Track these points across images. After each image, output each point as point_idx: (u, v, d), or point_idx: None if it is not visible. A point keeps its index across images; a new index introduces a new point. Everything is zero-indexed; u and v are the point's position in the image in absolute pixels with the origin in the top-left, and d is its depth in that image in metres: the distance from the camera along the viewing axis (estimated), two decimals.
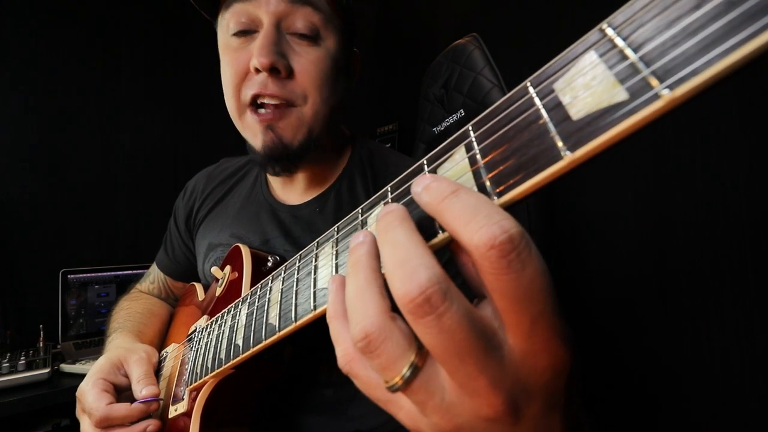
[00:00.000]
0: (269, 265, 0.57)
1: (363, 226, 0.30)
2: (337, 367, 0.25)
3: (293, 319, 0.33)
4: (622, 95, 0.17)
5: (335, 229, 0.33)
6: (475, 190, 0.21)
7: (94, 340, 1.37)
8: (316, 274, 0.33)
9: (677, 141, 0.89)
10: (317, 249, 0.34)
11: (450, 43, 0.95)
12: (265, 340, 0.37)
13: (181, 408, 0.53)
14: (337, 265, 0.31)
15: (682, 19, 0.16)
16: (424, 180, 0.22)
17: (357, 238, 0.24)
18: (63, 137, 1.52)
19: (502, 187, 0.21)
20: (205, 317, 0.59)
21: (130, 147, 1.66)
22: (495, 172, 0.22)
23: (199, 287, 0.73)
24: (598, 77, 0.18)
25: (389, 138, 1.93)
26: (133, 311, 0.75)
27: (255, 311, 0.41)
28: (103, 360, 0.57)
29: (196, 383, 0.51)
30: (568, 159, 0.18)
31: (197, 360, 0.53)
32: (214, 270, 0.62)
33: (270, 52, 0.51)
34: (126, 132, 1.65)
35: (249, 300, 0.44)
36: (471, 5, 1.52)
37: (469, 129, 0.24)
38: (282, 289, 0.37)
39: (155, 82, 1.72)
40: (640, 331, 0.97)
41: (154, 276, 0.85)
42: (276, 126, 0.55)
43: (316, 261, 0.34)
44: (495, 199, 0.21)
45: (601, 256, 1.06)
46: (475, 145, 0.23)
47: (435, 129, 1.02)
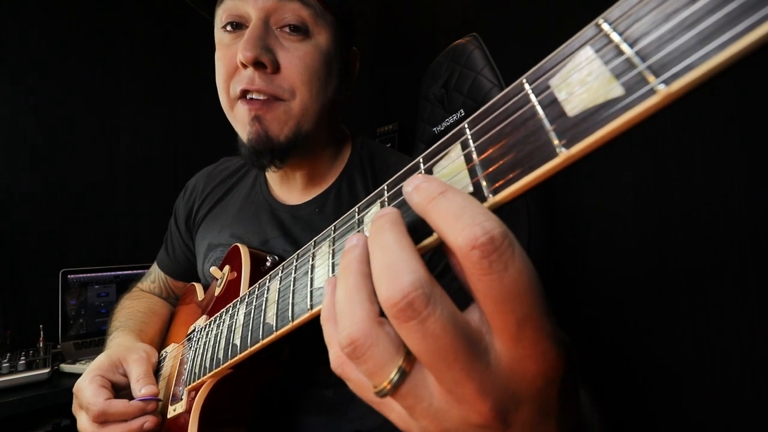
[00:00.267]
0: (268, 264, 0.57)
1: (359, 225, 0.30)
2: None
3: (290, 318, 0.33)
4: (617, 91, 0.17)
5: (332, 229, 0.33)
6: (463, 192, 0.21)
7: (94, 340, 1.37)
8: (312, 273, 0.33)
9: (677, 141, 0.89)
10: (314, 248, 0.34)
11: (450, 43, 0.95)
12: (263, 339, 0.37)
13: (179, 408, 0.53)
14: (333, 264, 0.31)
15: (679, 13, 0.16)
16: (415, 180, 0.22)
17: (350, 242, 0.24)
18: (63, 137, 1.53)
19: (498, 184, 0.21)
20: (204, 317, 0.59)
21: (130, 147, 1.66)
22: (490, 170, 0.21)
23: (198, 287, 0.73)
24: (594, 73, 0.18)
25: (389, 138, 1.92)
26: (135, 310, 0.75)
27: (253, 311, 0.41)
28: (103, 357, 0.57)
29: (195, 383, 0.50)
30: (564, 156, 0.18)
31: (196, 360, 0.53)
32: (213, 270, 0.62)
33: (254, 47, 0.51)
34: (126, 132, 1.66)
35: (247, 300, 0.44)
36: (471, 5, 1.51)
37: (465, 126, 0.24)
38: (279, 288, 0.37)
39: (155, 82, 1.72)
40: (640, 331, 0.97)
41: (155, 275, 0.85)
42: (263, 118, 0.54)
43: (313, 260, 0.33)
44: (491, 196, 0.21)
45: (601, 256, 1.06)
46: (470, 142, 0.23)
47: (435, 129, 1.01)
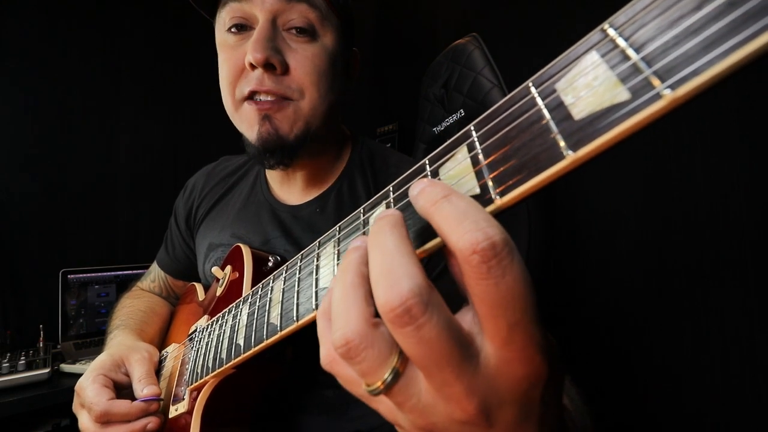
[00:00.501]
0: (270, 265, 0.57)
1: (365, 225, 0.30)
2: None
3: (295, 318, 0.33)
4: (623, 95, 0.17)
5: (337, 229, 0.33)
6: (467, 196, 0.21)
7: (94, 340, 1.37)
8: (317, 274, 0.33)
9: (677, 141, 0.89)
10: (319, 249, 0.34)
11: (450, 43, 0.95)
12: (267, 339, 0.37)
13: (181, 408, 0.53)
14: (338, 265, 0.31)
15: (684, 20, 0.16)
16: (421, 183, 0.22)
17: (354, 243, 0.24)
18: (63, 137, 1.52)
19: (504, 186, 0.21)
20: (205, 317, 0.59)
21: (130, 147, 1.66)
22: (497, 172, 0.22)
23: (199, 287, 0.73)
24: (600, 77, 0.18)
25: (389, 138, 1.92)
26: (136, 309, 0.75)
27: (256, 311, 0.41)
28: (105, 356, 0.57)
29: (197, 383, 0.51)
30: (570, 159, 0.19)
31: (198, 360, 0.53)
32: (215, 270, 0.62)
33: (264, 48, 0.51)
34: (126, 132, 1.65)
35: (250, 300, 0.44)
36: (471, 5, 1.52)
37: (471, 129, 0.24)
38: (283, 288, 0.37)
39: (155, 82, 1.72)
40: (639, 331, 0.97)
41: (155, 274, 0.85)
42: (273, 117, 0.55)
43: (318, 261, 0.34)
44: (498, 198, 0.21)
45: (601, 256, 1.06)
46: (477, 145, 0.23)
47: (435, 129, 1.02)
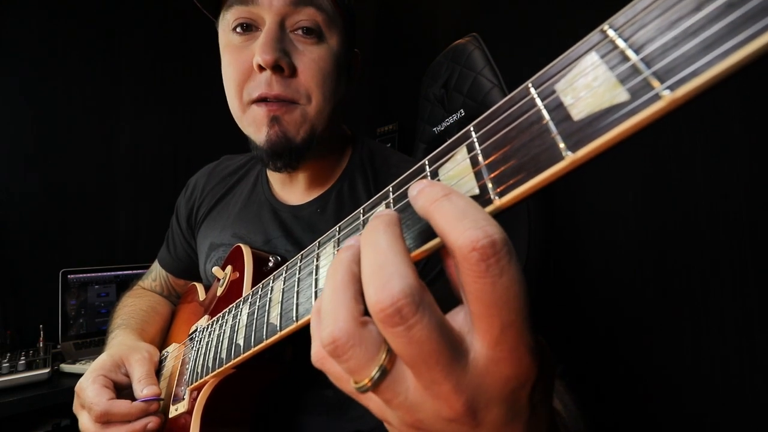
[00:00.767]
0: (270, 265, 0.58)
1: (364, 225, 0.30)
2: None
3: (294, 318, 0.33)
4: (623, 96, 0.17)
5: (337, 229, 0.33)
6: (466, 196, 0.21)
7: (94, 340, 1.37)
8: (317, 274, 0.33)
9: (677, 141, 0.89)
10: (318, 249, 0.35)
11: (450, 43, 0.95)
12: (266, 339, 0.37)
13: (181, 407, 0.53)
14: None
15: (683, 21, 0.16)
16: (420, 184, 0.22)
17: (348, 242, 0.25)
18: (63, 137, 1.52)
19: (503, 187, 0.21)
20: (206, 317, 0.59)
21: (130, 147, 1.66)
22: (496, 173, 0.22)
23: (199, 287, 0.73)
24: (600, 78, 0.18)
25: (389, 138, 1.92)
26: (137, 308, 0.75)
27: (256, 311, 0.41)
28: (105, 357, 0.57)
29: (197, 383, 0.51)
30: (570, 159, 0.19)
31: (198, 360, 0.53)
32: (216, 270, 0.62)
33: (273, 49, 0.51)
34: (126, 132, 1.65)
35: (250, 300, 0.45)
36: (471, 5, 1.52)
37: (471, 129, 0.24)
38: (283, 288, 0.37)
39: (155, 82, 1.72)
40: (639, 331, 0.97)
41: (156, 273, 0.85)
42: (282, 119, 0.54)
43: (318, 261, 0.34)
44: (497, 199, 0.21)
45: (601, 257, 1.06)
46: (476, 145, 0.23)
47: (435, 129, 1.02)
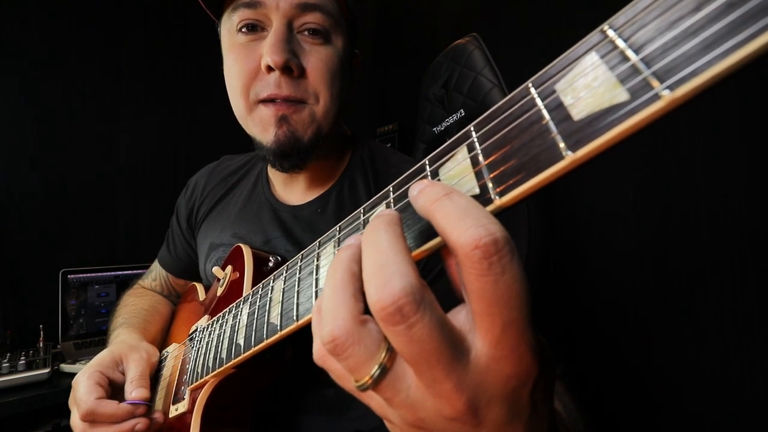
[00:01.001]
0: (270, 265, 0.58)
1: (364, 226, 0.30)
2: None
3: (295, 318, 0.33)
4: (623, 96, 0.17)
5: (337, 229, 0.33)
6: (467, 195, 0.21)
7: (94, 340, 1.37)
8: (317, 274, 0.33)
9: (677, 141, 0.89)
10: (319, 249, 0.35)
11: (450, 43, 0.95)
12: (267, 339, 0.37)
13: (181, 407, 0.53)
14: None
15: (683, 21, 0.16)
16: (421, 184, 0.22)
17: (348, 241, 0.25)
18: (63, 137, 1.52)
19: (504, 186, 0.21)
20: (206, 317, 0.59)
21: (130, 147, 1.66)
22: (497, 172, 0.22)
23: (200, 287, 0.73)
24: (599, 78, 0.18)
25: (389, 138, 1.93)
26: (139, 307, 0.75)
27: (257, 311, 0.41)
28: (106, 353, 0.57)
29: (197, 383, 0.51)
30: (570, 159, 0.19)
31: (198, 360, 0.53)
32: (216, 270, 0.62)
33: (283, 50, 0.51)
34: (126, 132, 1.65)
35: (250, 299, 0.45)
36: (471, 5, 1.52)
37: (471, 129, 0.24)
38: (284, 288, 0.37)
39: (155, 82, 1.72)
40: (639, 331, 0.97)
41: (156, 273, 0.85)
42: (290, 119, 0.54)
43: (318, 261, 0.34)
44: (497, 198, 0.21)
45: (601, 257, 1.06)
46: (477, 145, 0.23)
47: (435, 129, 1.02)
